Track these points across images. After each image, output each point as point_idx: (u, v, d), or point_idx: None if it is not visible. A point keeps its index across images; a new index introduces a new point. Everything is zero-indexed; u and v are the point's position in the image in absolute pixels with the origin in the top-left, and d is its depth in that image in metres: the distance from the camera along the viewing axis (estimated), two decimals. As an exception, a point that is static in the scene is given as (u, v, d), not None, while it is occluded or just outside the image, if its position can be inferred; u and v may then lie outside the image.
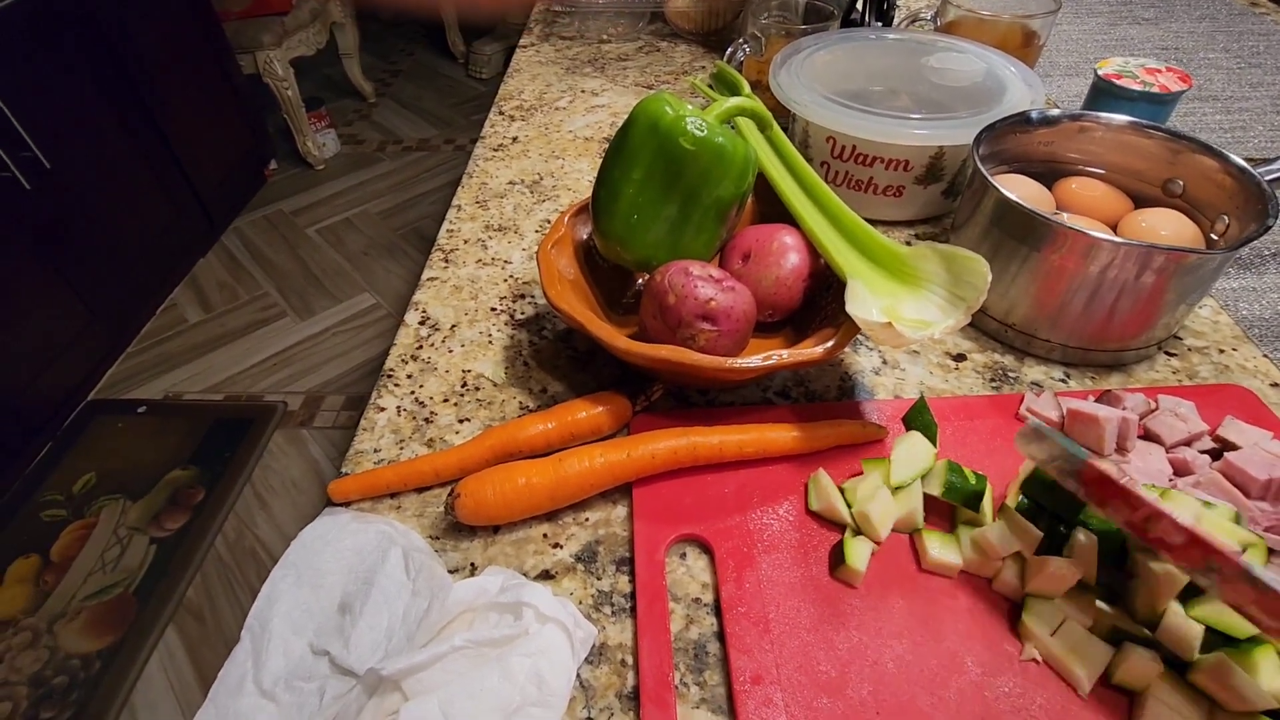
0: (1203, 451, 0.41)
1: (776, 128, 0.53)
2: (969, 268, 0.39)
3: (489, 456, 0.42)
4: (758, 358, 0.40)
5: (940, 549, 0.37)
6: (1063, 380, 0.48)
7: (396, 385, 0.49)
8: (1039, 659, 0.34)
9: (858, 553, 0.37)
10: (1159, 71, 0.62)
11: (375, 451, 0.45)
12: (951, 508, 0.40)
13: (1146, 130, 0.52)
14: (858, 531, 0.39)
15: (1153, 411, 0.42)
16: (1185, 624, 0.32)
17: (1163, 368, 0.49)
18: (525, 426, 0.43)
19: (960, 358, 0.50)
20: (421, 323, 0.54)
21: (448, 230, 0.64)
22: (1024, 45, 0.70)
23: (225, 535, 1.36)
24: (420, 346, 0.52)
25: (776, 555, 0.38)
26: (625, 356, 0.41)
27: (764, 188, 0.51)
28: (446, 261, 0.60)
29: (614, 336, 0.41)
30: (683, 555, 0.39)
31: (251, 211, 2.23)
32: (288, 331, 1.80)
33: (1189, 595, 0.33)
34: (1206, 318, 0.53)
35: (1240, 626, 0.32)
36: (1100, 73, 0.62)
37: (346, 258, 2.03)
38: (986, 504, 0.38)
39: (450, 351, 0.52)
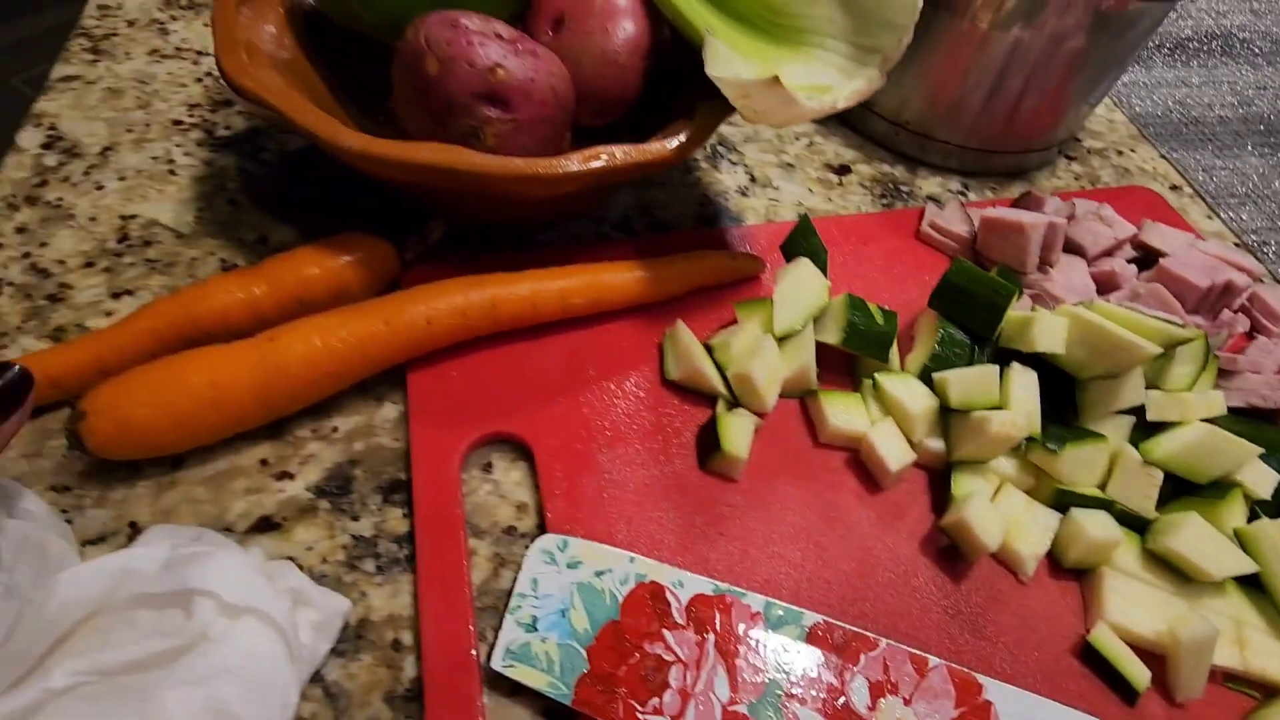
0: (1129, 261, 0.34)
1: None
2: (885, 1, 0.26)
3: (150, 346, 0.25)
4: (576, 157, 0.26)
5: (844, 414, 0.27)
6: (961, 193, 0.39)
7: (-4, 245, 0.30)
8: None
9: (737, 433, 0.26)
10: None
11: (-53, 357, 0.26)
12: (850, 359, 0.30)
13: None
14: (734, 403, 0.28)
15: (1072, 217, 0.34)
16: (1141, 472, 0.25)
17: (1064, 173, 0.42)
18: (211, 293, 0.26)
19: (844, 170, 0.39)
20: (47, 145, 0.33)
21: (99, 6, 0.41)
22: None
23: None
24: (44, 183, 0.32)
25: (624, 449, 0.26)
26: (362, 164, 0.25)
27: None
28: (95, 53, 0.38)
29: (335, 131, 0.25)
30: (487, 466, 0.26)
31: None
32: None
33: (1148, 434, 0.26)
34: (1102, 115, 0.46)
35: (1204, 469, 0.25)
36: None
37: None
38: (895, 349, 0.29)
39: (100, 188, 0.32)
